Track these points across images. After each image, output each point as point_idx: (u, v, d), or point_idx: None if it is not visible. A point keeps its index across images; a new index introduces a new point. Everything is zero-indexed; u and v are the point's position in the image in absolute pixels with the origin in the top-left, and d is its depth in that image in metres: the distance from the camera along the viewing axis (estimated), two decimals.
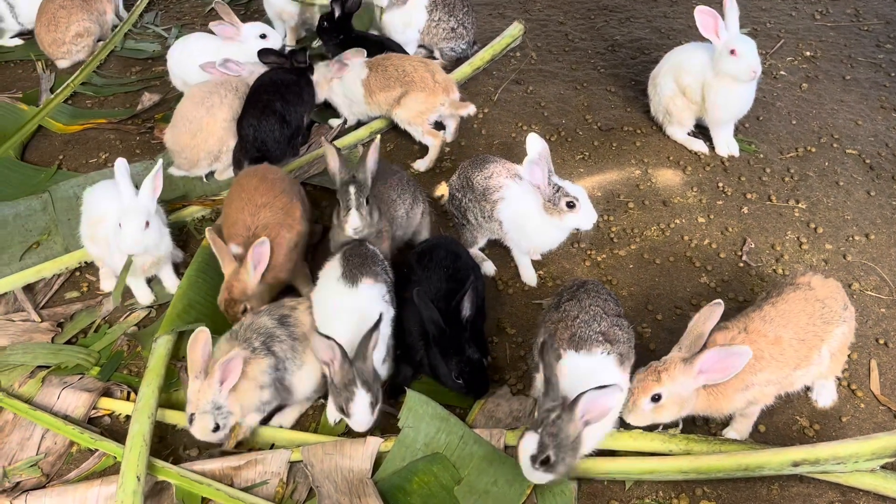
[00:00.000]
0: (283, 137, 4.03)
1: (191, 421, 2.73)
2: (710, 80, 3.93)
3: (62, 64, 5.25)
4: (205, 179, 4.16)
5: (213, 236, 3.16)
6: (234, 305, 3.12)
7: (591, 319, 2.71)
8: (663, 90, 4.20)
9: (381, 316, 2.80)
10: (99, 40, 5.44)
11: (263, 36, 4.57)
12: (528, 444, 2.45)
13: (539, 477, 2.48)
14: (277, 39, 4.64)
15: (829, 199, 3.91)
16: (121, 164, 3.23)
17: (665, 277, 3.57)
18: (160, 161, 3.33)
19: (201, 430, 2.72)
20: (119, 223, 3.16)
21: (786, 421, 2.95)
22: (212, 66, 4.21)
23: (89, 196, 3.46)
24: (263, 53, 4.23)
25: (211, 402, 2.69)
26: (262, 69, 4.24)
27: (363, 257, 3.02)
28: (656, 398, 2.64)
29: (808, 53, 5.00)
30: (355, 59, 4.26)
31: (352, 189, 3.08)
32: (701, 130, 4.29)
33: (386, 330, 2.91)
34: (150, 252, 3.29)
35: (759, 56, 3.79)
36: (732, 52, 3.76)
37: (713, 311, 2.67)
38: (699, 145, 4.24)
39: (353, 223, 3.08)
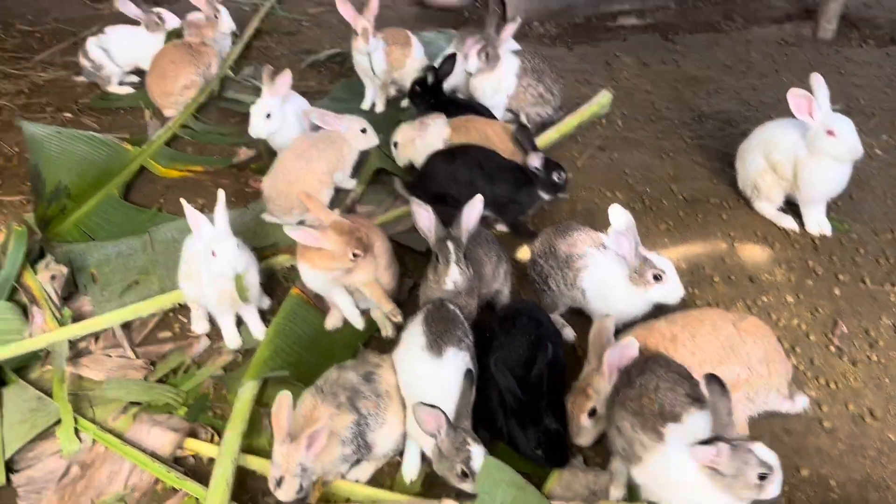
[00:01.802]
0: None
1: (279, 484, 2.75)
2: (802, 158, 3.88)
3: (168, 113, 5.57)
4: None
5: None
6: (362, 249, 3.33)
7: (674, 385, 2.68)
8: (752, 165, 4.17)
9: (472, 372, 2.84)
10: None
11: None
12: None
13: None
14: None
15: None
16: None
17: None
18: (222, 192, 3.52)
19: (288, 493, 2.74)
20: (212, 251, 3.32)
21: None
22: (310, 113, 4.45)
23: (189, 240, 3.63)
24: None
25: (299, 465, 2.72)
26: (358, 126, 4.46)
27: (446, 321, 3.03)
28: (593, 413, 2.95)
29: None
30: (437, 120, 4.43)
31: (450, 244, 3.17)
32: (790, 206, 4.22)
33: None
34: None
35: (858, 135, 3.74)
36: (830, 132, 3.71)
37: (603, 324, 3.06)
38: (789, 222, 4.16)
39: (453, 277, 3.17)
